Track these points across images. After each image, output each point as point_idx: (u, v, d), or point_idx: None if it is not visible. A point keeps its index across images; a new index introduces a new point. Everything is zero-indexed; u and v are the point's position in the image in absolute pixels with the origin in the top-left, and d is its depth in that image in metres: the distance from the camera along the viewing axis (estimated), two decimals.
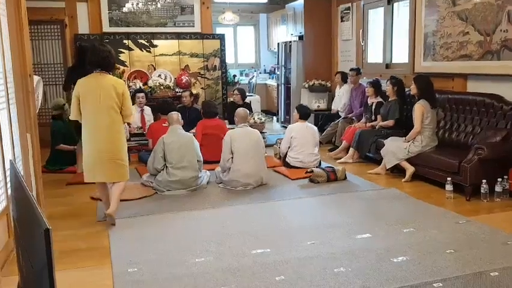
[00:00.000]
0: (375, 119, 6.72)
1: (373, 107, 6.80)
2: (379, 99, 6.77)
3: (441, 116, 5.89)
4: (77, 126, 5.42)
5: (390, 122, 6.40)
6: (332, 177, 5.59)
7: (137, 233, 4.03)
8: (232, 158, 5.37)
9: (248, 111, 5.98)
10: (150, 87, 7.84)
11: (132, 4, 8.23)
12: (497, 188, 4.70)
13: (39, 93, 5.17)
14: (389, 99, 6.54)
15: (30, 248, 1.68)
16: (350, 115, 7.63)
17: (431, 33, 6.29)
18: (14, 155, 3.89)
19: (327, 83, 9.05)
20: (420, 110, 5.50)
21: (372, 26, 8.03)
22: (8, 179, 3.48)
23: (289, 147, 6.17)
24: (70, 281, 3.17)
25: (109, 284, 3.12)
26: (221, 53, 8.73)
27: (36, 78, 5.06)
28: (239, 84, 10.83)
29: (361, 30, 8.16)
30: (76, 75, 5.22)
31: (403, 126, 6.29)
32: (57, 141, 6.43)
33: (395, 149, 5.66)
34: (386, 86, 6.52)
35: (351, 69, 7.83)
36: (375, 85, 6.84)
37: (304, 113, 6.33)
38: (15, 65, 4.05)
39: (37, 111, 5.06)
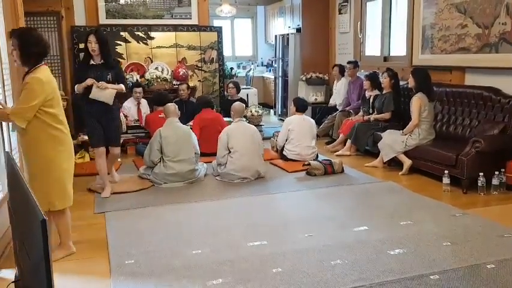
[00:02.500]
0: (374, 112, 6.71)
1: (371, 100, 6.80)
2: (377, 92, 6.76)
3: (439, 109, 5.89)
4: None
5: (386, 115, 6.39)
6: (329, 170, 5.59)
7: (135, 225, 4.03)
8: (228, 154, 5.36)
9: (244, 106, 5.96)
10: (147, 79, 7.81)
11: None
12: (494, 181, 4.71)
13: None
14: (383, 92, 6.54)
15: (27, 240, 1.68)
16: (348, 108, 7.62)
17: (429, 26, 6.28)
18: (11, 147, 3.88)
19: (325, 76, 9.04)
20: (418, 103, 5.50)
21: (370, 18, 8.00)
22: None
23: (286, 140, 6.17)
24: (67, 272, 3.17)
25: (106, 275, 3.12)
26: (218, 45, 8.69)
27: None
28: (236, 77, 10.80)
29: (359, 23, 8.14)
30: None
31: (400, 119, 6.29)
32: None
33: (392, 142, 5.66)
34: (383, 78, 6.50)
35: (349, 62, 7.82)
36: (372, 78, 6.83)
37: (301, 106, 6.33)
38: (12, 57, 4.02)
39: None
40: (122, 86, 4.79)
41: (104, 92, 4.63)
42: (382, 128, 6.17)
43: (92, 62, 4.71)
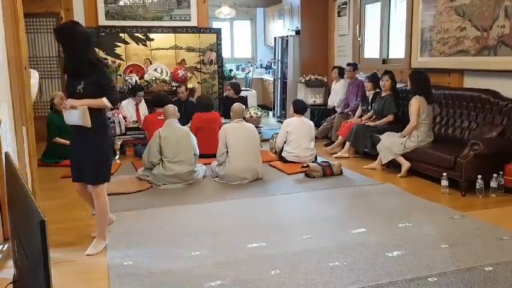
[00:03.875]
0: (371, 110, 6.72)
1: (370, 97, 6.81)
2: (377, 90, 6.77)
3: (437, 111, 5.90)
4: None
5: (390, 118, 6.38)
6: (328, 172, 5.59)
7: (133, 227, 4.03)
8: (227, 152, 5.36)
9: (244, 107, 5.95)
10: (146, 81, 7.82)
11: None
12: (493, 183, 4.71)
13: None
14: (382, 94, 6.54)
15: (26, 240, 1.68)
16: (346, 110, 7.63)
17: (428, 29, 6.29)
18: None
19: (324, 78, 9.05)
20: (416, 105, 5.50)
21: (369, 21, 8.01)
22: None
23: (285, 141, 6.17)
24: (65, 273, 3.17)
25: (104, 277, 3.12)
26: (217, 47, 8.70)
27: (34, 73, 5.05)
28: (235, 79, 10.81)
29: (358, 25, 8.15)
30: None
31: (399, 121, 6.29)
32: (52, 134, 6.41)
33: (390, 144, 5.66)
34: (385, 81, 6.46)
35: (348, 64, 7.82)
36: (374, 79, 6.83)
37: (300, 108, 6.33)
38: (11, 58, 4.03)
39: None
40: (101, 101, 3.44)
41: (73, 113, 3.40)
42: (381, 130, 6.18)
43: None
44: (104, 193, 3.63)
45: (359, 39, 8.18)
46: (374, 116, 6.66)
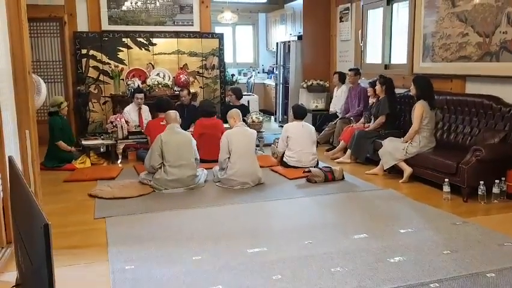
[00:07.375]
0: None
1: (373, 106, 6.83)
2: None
3: (440, 117, 5.90)
4: None
5: (382, 119, 6.41)
6: (330, 177, 5.59)
7: (135, 231, 4.03)
8: (229, 158, 5.37)
9: (240, 112, 5.89)
10: (149, 85, 7.84)
11: (131, 2, 8.21)
12: (495, 189, 4.71)
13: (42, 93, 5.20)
14: (379, 98, 6.57)
15: (29, 244, 1.68)
16: (348, 115, 7.63)
17: (430, 34, 6.30)
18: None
19: (326, 83, 9.06)
20: (420, 109, 5.50)
21: (371, 26, 8.03)
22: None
23: (287, 145, 6.17)
24: (67, 277, 3.16)
25: (106, 281, 3.12)
26: (219, 52, 8.73)
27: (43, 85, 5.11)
28: (237, 84, 10.82)
29: (360, 31, 8.16)
30: None
31: (398, 125, 6.29)
32: (55, 136, 6.41)
33: (392, 150, 5.66)
34: (376, 86, 6.53)
35: (350, 69, 7.84)
36: (376, 85, 6.84)
37: (298, 114, 6.32)
38: (15, 62, 4.04)
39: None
40: None
41: None
42: (382, 136, 6.18)
43: None
44: None
45: (361, 44, 8.19)
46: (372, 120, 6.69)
